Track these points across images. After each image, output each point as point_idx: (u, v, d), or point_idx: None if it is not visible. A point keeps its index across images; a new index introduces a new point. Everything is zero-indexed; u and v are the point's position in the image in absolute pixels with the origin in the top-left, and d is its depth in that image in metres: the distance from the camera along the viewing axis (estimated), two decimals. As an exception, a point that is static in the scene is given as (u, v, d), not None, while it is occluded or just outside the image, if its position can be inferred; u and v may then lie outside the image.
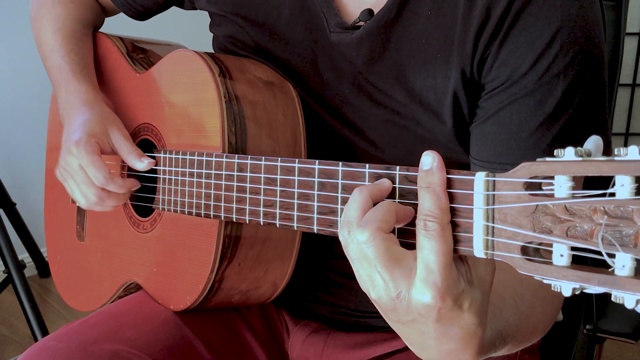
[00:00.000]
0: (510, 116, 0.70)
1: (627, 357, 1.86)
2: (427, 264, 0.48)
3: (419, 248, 0.49)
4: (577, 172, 0.43)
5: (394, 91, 0.77)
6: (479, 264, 0.52)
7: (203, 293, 0.80)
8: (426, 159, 0.51)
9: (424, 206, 0.50)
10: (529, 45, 0.68)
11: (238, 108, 0.79)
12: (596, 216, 0.42)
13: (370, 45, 0.76)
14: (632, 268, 0.41)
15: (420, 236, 0.49)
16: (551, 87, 0.69)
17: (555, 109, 0.69)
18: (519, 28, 0.69)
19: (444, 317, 0.50)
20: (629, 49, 2.23)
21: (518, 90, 0.69)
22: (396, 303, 0.50)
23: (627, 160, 0.40)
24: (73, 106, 0.91)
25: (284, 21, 0.83)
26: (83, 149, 0.84)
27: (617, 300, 0.42)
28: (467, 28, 0.70)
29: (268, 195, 0.67)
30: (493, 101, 0.71)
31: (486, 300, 0.53)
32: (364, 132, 0.80)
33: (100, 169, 0.84)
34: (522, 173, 0.45)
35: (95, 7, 1.05)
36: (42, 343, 0.79)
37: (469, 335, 0.52)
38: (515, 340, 0.63)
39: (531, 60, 0.68)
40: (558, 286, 0.44)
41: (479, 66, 0.71)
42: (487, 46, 0.70)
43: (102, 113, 0.90)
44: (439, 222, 0.49)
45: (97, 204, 0.87)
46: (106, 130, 0.87)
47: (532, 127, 0.69)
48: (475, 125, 0.74)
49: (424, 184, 0.50)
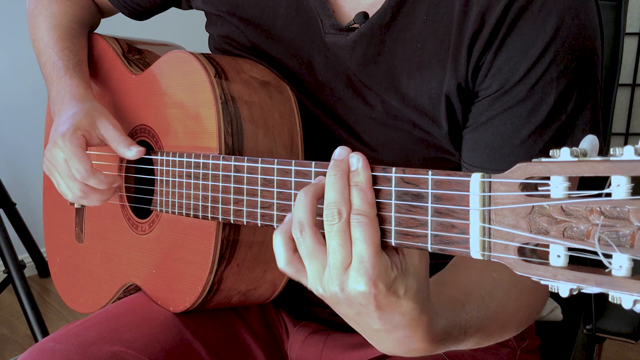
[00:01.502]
0: (503, 124, 0.70)
1: (627, 357, 1.86)
2: (360, 254, 0.52)
3: (353, 240, 0.52)
4: (572, 173, 0.42)
5: (388, 95, 0.76)
6: (414, 254, 0.54)
7: (202, 294, 0.80)
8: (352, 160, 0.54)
9: (354, 202, 0.53)
10: (523, 53, 0.68)
11: (234, 109, 0.79)
12: (592, 217, 0.42)
13: (364, 48, 0.76)
14: (629, 268, 0.40)
15: (353, 229, 0.52)
16: (544, 95, 0.69)
17: (547, 116, 0.69)
18: (514, 36, 0.69)
19: (382, 305, 0.53)
20: (629, 49, 2.23)
21: (511, 98, 0.70)
22: (338, 295, 0.53)
23: (623, 161, 0.40)
24: (64, 101, 0.91)
25: (280, 21, 0.83)
26: (68, 141, 0.82)
27: (614, 301, 0.42)
28: (462, 35, 0.70)
29: (265, 197, 0.67)
30: (486, 108, 0.71)
31: (423, 288, 0.55)
32: (359, 134, 0.80)
33: (82, 162, 0.82)
34: (518, 174, 0.45)
35: (91, 7, 1.05)
36: (41, 344, 0.79)
37: (414, 322, 0.55)
38: (481, 333, 0.64)
39: (525, 68, 0.68)
40: (555, 287, 0.44)
41: (474, 74, 0.71)
42: (482, 54, 0.70)
43: (92, 106, 0.89)
44: (368, 215, 0.52)
45: (82, 198, 0.86)
46: (94, 123, 0.86)
47: (524, 135, 0.70)
48: (468, 131, 0.74)
49: (353, 183, 0.53)
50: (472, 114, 0.73)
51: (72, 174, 0.83)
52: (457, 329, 0.61)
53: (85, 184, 0.84)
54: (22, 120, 2.24)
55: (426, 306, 0.55)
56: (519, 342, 0.87)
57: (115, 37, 1.05)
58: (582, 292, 0.44)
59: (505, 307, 0.67)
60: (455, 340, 0.61)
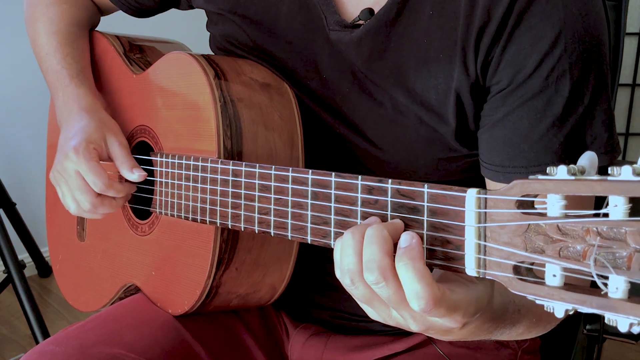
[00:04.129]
0: (519, 119, 0.69)
1: (627, 357, 1.85)
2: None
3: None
4: (569, 192, 0.41)
5: (395, 91, 0.75)
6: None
7: (201, 298, 0.80)
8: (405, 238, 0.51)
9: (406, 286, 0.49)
10: (533, 46, 0.67)
11: (233, 111, 0.78)
12: (589, 237, 0.41)
13: (370, 44, 0.75)
14: (626, 291, 0.40)
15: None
16: (558, 87, 0.67)
17: (564, 108, 0.68)
18: (522, 29, 0.67)
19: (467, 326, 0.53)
20: (629, 49, 2.21)
21: (525, 92, 0.68)
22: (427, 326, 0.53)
23: (621, 181, 0.39)
24: (71, 111, 0.90)
25: (283, 19, 0.82)
26: (82, 155, 0.83)
27: (610, 323, 0.41)
28: (469, 29, 0.69)
29: (263, 203, 0.67)
30: (500, 104, 0.70)
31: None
32: (365, 133, 0.79)
33: (100, 176, 0.83)
34: (514, 191, 0.44)
35: (90, 6, 1.04)
36: (41, 347, 0.79)
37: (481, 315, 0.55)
38: (532, 315, 0.64)
39: (536, 61, 0.67)
40: (551, 307, 0.43)
41: (483, 69, 0.70)
42: (490, 49, 0.69)
43: (101, 119, 0.89)
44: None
45: (90, 212, 0.86)
46: (104, 137, 0.87)
47: (542, 129, 0.68)
48: (484, 130, 0.72)
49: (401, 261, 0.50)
50: (486, 112, 0.72)
51: (85, 186, 0.84)
52: (512, 305, 0.61)
53: (97, 196, 0.84)
54: (22, 121, 2.23)
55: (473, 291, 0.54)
56: (519, 342, 0.87)
57: (117, 35, 1.04)
58: (578, 311, 0.43)
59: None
60: (512, 319, 0.61)
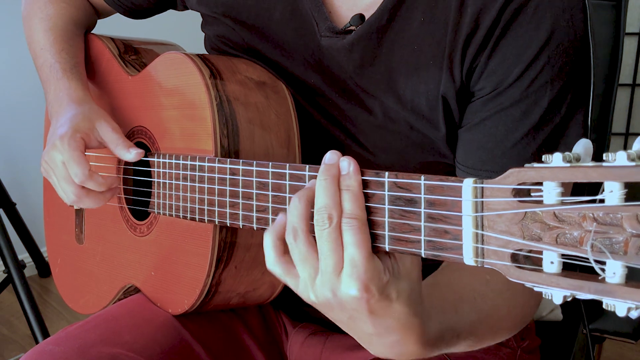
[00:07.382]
0: (495, 126, 0.70)
1: (627, 357, 1.85)
2: (352, 259, 0.51)
3: (345, 245, 0.52)
4: (565, 178, 0.42)
5: (386, 97, 0.76)
6: (405, 257, 0.54)
7: (200, 297, 0.80)
8: (342, 164, 0.54)
9: (345, 207, 0.53)
10: (517, 56, 0.68)
11: (230, 110, 0.78)
12: (585, 223, 0.41)
13: (361, 50, 0.75)
14: (623, 275, 0.40)
15: (344, 233, 0.52)
16: (537, 97, 0.69)
17: (540, 118, 0.69)
18: (508, 39, 0.68)
19: (374, 309, 0.53)
20: (628, 49, 2.21)
21: (504, 100, 0.69)
22: (330, 300, 0.54)
23: (616, 167, 0.39)
24: (62, 103, 0.90)
25: (275, 24, 0.82)
26: (66, 144, 0.82)
27: (608, 308, 0.41)
28: (457, 36, 0.70)
29: (260, 201, 0.67)
30: (479, 109, 0.71)
31: (416, 292, 0.55)
32: (356, 137, 0.80)
33: (80, 165, 0.81)
34: (510, 179, 0.45)
35: (87, 8, 1.04)
36: (40, 347, 0.79)
37: (406, 326, 0.55)
38: (474, 337, 0.64)
39: (519, 71, 0.68)
40: (549, 294, 0.44)
41: (468, 75, 0.71)
42: (476, 56, 0.70)
43: (91, 109, 0.88)
44: (360, 220, 0.52)
45: (75, 203, 0.85)
46: (93, 126, 0.85)
47: (517, 137, 0.69)
48: (463, 131, 0.73)
49: (344, 187, 0.53)
50: (466, 115, 0.73)
51: (69, 177, 0.83)
52: (450, 332, 0.61)
53: (81, 187, 0.83)
54: (22, 121, 2.24)
55: (418, 309, 0.55)
56: (519, 342, 0.87)
57: (112, 37, 1.04)
58: (576, 298, 0.43)
59: (499, 309, 0.67)
60: (448, 344, 0.61)
